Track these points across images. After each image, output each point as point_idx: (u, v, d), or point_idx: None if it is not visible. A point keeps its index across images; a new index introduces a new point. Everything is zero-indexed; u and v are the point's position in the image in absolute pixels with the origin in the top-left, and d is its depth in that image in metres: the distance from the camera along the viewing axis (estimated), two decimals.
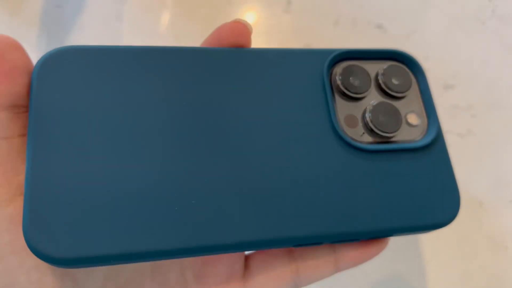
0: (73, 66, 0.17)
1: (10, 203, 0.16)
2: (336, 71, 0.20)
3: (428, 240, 0.32)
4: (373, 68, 0.21)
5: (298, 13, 0.40)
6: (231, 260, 0.20)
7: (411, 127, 0.20)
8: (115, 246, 0.16)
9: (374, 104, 0.20)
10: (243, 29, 0.19)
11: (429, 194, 0.19)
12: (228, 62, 0.19)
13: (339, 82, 0.20)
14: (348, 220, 0.18)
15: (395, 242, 0.32)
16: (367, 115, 0.20)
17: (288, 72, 0.19)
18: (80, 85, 0.17)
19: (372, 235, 0.19)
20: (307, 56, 0.20)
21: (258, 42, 0.39)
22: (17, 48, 0.16)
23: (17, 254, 0.16)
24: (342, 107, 0.20)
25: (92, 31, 0.39)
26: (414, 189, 0.19)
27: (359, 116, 0.20)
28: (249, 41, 0.19)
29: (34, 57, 0.18)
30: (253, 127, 0.18)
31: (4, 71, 0.15)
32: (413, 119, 0.20)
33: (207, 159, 0.18)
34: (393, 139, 0.20)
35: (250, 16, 0.40)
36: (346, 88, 0.20)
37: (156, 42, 0.39)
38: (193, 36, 0.39)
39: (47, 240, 0.15)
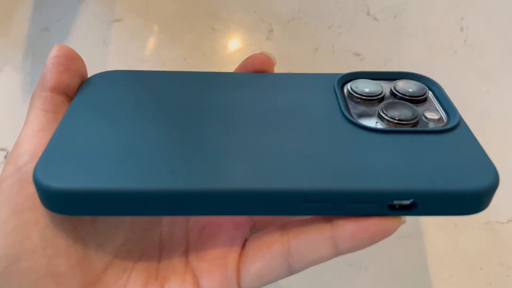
0: (109, 84, 0.21)
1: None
2: (347, 85, 0.21)
3: (403, 260, 0.33)
4: (385, 83, 0.21)
5: (280, 40, 0.41)
6: (230, 235, 0.21)
7: (430, 121, 0.19)
8: (110, 181, 0.16)
9: (389, 101, 0.20)
10: (268, 59, 0.22)
11: (458, 163, 0.16)
12: (254, 82, 0.21)
13: (350, 90, 0.20)
14: (359, 178, 0.16)
15: (370, 262, 0.32)
16: (381, 109, 0.19)
17: (305, 86, 0.21)
18: (114, 95, 0.20)
19: (386, 198, 0.16)
20: (321, 76, 0.22)
21: None
22: (82, 62, 0.21)
23: (34, 210, 0.17)
24: (355, 107, 0.20)
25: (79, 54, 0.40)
26: (439, 157, 0.17)
27: (373, 113, 0.20)
28: (272, 69, 0.23)
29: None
30: (268, 119, 0.19)
31: (71, 69, 0.20)
32: (431, 114, 0.20)
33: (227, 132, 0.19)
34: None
35: (233, 42, 0.42)
36: (357, 93, 0.20)
37: (142, 66, 0.40)
38: (179, 61, 0.40)
39: (50, 173, 0.16)
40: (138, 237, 0.21)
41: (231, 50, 0.41)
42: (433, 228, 0.34)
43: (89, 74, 0.22)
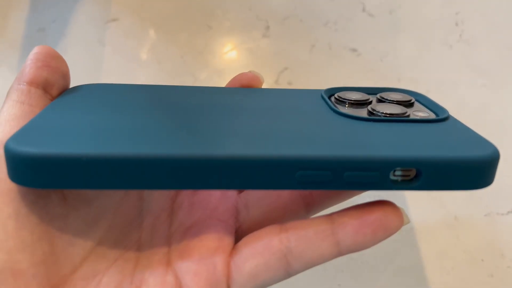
0: (96, 90, 0.22)
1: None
2: (334, 95, 0.22)
3: (407, 255, 0.33)
4: (371, 95, 0.22)
5: (276, 37, 0.41)
6: (218, 234, 0.19)
7: (420, 117, 0.20)
8: (89, 147, 0.15)
9: (377, 101, 0.21)
10: (255, 77, 0.24)
11: (457, 140, 0.17)
12: (242, 92, 0.22)
13: (338, 98, 0.21)
14: (359, 146, 0.16)
15: (371, 256, 0.32)
16: (370, 108, 0.20)
17: (293, 96, 0.22)
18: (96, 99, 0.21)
19: (388, 165, 0.16)
20: (308, 91, 0.23)
21: (237, 65, 0.40)
22: (63, 61, 0.21)
23: None
24: (344, 109, 0.20)
25: (75, 55, 0.39)
26: (438, 137, 0.17)
27: (363, 113, 0.20)
28: (260, 86, 0.24)
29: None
30: (260, 111, 0.20)
31: (50, 65, 0.20)
32: (420, 113, 0.20)
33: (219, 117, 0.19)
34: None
35: (229, 40, 0.42)
36: (345, 99, 0.21)
37: (138, 65, 0.40)
38: (175, 59, 0.40)
39: (23, 141, 0.15)
40: (114, 240, 0.19)
41: (228, 48, 0.41)
42: (434, 221, 0.34)
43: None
